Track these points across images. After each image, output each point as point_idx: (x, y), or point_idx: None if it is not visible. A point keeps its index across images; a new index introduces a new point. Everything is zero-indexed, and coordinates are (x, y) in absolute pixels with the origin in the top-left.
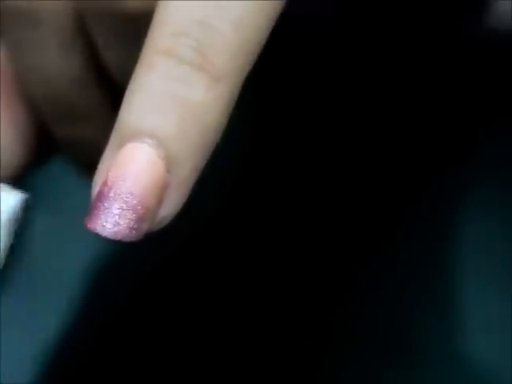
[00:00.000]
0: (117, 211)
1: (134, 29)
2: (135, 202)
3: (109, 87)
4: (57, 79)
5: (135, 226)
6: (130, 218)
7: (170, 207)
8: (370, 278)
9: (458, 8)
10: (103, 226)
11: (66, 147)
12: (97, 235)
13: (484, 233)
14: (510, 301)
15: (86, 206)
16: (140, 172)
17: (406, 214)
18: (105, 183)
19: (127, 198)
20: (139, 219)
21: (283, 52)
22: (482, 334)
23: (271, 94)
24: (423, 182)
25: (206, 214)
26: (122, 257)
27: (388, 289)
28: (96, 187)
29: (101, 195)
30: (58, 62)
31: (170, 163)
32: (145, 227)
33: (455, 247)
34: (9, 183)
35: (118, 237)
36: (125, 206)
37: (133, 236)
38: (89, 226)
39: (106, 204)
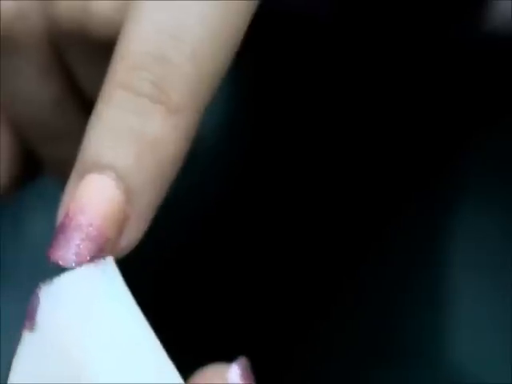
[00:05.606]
0: (77, 242)
1: (107, 52)
2: (95, 233)
3: (87, 108)
4: (37, 103)
5: (95, 257)
6: (90, 249)
7: (129, 238)
8: (360, 278)
9: (457, 8)
10: (64, 256)
11: (50, 167)
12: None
13: (480, 232)
14: (505, 302)
15: None
16: (100, 203)
17: (400, 213)
18: (66, 215)
19: (87, 229)
20: (99, 250)
21: (281, 51)
22: (476, 334)
23: (269, 93)
24: (420, 180)
25: (206, 213)
26: (121, 257)
27: (379, 289)
28: (59, 218)
29: (62, 226)
30: (37, 86)
31: (129, 195)
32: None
33: (449, 247)
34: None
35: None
36: (85, 237)
37: None
38: (50, 256)
39: (67, 235)
